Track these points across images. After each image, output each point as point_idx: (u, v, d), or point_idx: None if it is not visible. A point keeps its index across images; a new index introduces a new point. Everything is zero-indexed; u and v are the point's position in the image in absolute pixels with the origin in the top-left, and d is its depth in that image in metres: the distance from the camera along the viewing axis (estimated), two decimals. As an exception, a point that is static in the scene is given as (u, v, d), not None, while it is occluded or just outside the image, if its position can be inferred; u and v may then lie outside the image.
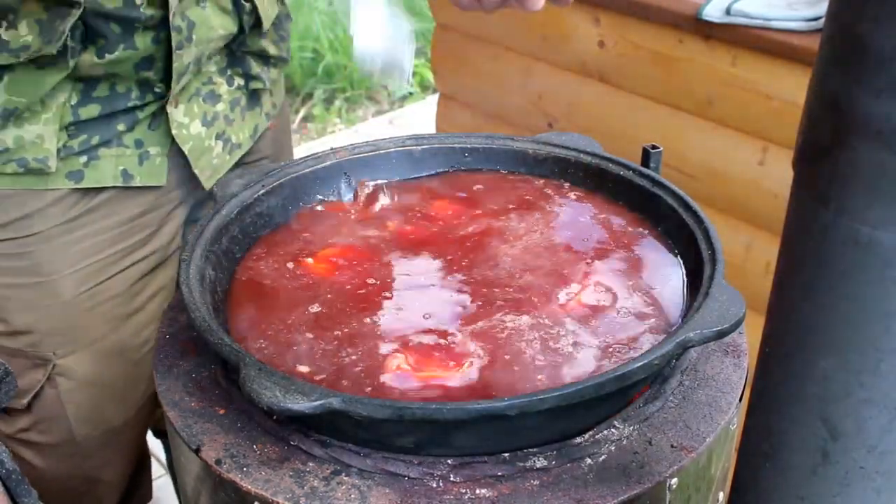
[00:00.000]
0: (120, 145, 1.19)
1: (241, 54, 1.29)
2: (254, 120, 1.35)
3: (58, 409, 1.28)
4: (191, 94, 1.23)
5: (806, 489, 0.73)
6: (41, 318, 1.22)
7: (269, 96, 1.39)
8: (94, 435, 1.32)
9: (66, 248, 1.20)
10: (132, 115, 1.19)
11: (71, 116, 1.14)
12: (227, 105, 1.29)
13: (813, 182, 0.64)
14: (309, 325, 0.89)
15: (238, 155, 1.32)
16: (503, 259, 0.98)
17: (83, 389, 1.28)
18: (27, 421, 1.29)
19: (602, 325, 0.88)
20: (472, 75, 2.21)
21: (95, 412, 1.30)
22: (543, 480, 0.77)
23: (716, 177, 1.77)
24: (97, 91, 1.15)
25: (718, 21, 1.64)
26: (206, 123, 1.25)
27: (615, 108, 1.93)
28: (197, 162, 1.25)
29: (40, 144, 1.12)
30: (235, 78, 1.30)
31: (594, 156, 1.10)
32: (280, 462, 0.79)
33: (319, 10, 4.23)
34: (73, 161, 1.16)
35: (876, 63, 0.56)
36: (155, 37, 1.13)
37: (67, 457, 1.33)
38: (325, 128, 3.88)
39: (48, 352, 1.23)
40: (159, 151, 1.22)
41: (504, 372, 0.82)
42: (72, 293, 1.21)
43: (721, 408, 0.85)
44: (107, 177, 1.19)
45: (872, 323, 0.63)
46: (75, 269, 1.21)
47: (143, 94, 1.18)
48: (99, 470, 1.37)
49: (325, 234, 1.04)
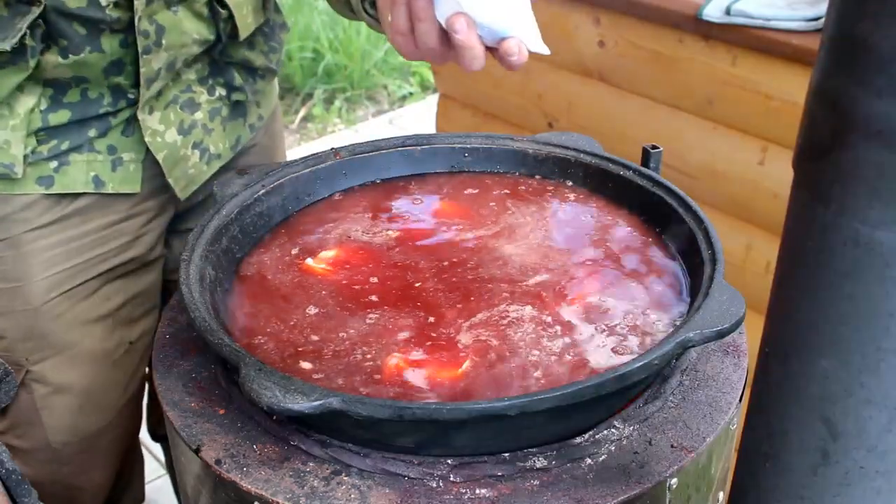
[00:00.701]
0: (91, 151, 1.17)
1: (224, 64, 1.26)
2: (236, 131, 1.31)
3: (33, 414, 1.26)
4: (167, 102, 1.20)
5: (806, 489, 0.73)
6: (12, 323, 1.20)
7: (256, 108, 1.35)
8: (72, 441, 1.30)
9: (37, 255, 1.18)
10: (105, 121, 1.16)
11: (40, 122, 1.12)
12: (206, 114, 1.25)
13: (813, 182, 0.64)
14: (308, 325, 0.89)
15: (217, 165, 1.29)
16: (503, 259, 0.98)
17: (57, 396, 1.26)
18: (3, 425, 1.27)
19: (602, 325, 0.88)
20: (472, 75, 2.20)
21: (70, 419, 1.28)
22: (543, 480, 0.77)
23: (716, 177, 1.77)
24: (67, 97, 1.13)
25: (718, 21, 1.64)
26: (182, 132, 1.22)
27: (615, 108, 1.93)
28: (171, 171, 1.22)
29: (7, 150, 1.11)
30: (217, 87, 1.27)
31: (594, 156, 1.10)
32: (280, 462, 0.79)
33: (319, 10, 4.23)
34: (42, 166, 1.14)
35: (876, 63, 0.56)
36: (123, 40, 1.10)
37: (45, 463, 1.31)
38: (325, 128, 3.88)
39: (21, 357, 1.22)
40: (133, 158, 1.20)
41: (504, 372, 0.82)
42: (42, 299, 1.19)
43: (721, 408, 0.85)
44: (77, 183, 1.17)
45: (872, 323, 0.63)
46: (46, 275, 1.19)
47: (115, 101, 1.16)
48: (78, 476, 1.35)
49: (324, 234, 1.04)
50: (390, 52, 4.21)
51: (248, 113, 1.33)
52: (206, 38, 1.19)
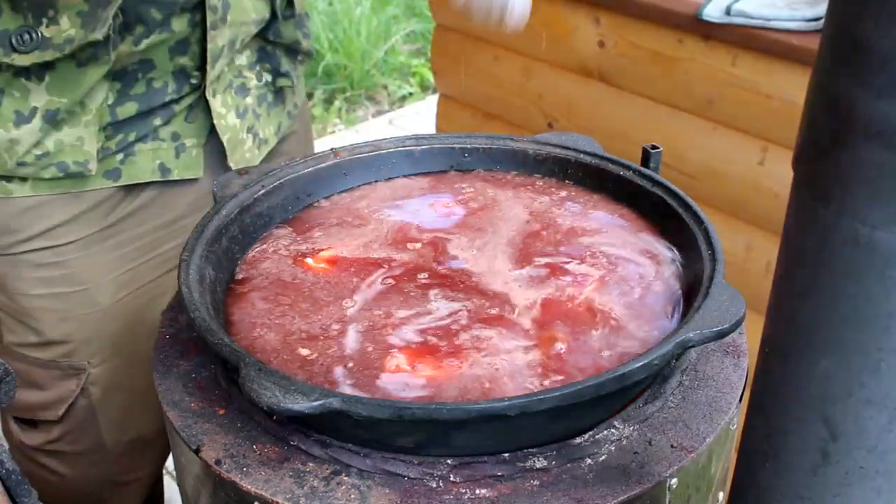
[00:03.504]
0: (156, 139, 1.17)
1: (272, 49, 1.28)
2: (278, 117, 1.34)
3: (90, 418, 1.26)
4: (225, 86, 1.22)
5: (806, 489, 0.73)
6: (77, 327, 1.20)
7: (293, 95, 1.38)
8: (124, 441, 1.30)
9: (103, 256, 1.18)
10: (169, 109, 1.17)
11: (109, 117, 1.13)
12: (255, 100, 1.28)
13: (813, 182, 0.64)
14: (308, 325, 0.89)
15: (265, 151, 1.31)
16: (503, 259, 0.98)
17: (115, 398, 1.26)
18: (58, 432, 1.27)
19: (602, 325, 0.88)
20: (472, 75, 2.21)
21: (126, 420, 1.28)
22: (543, 480, 0.78)
23: (716, 177, 1.77)
24: (134, 89, 1.14)
25: (718, 21, 1.64)
26: (239, 116, 1.24)
27: (615, 108, 1.93)
28: (232, 154, 1.23)
29: (80, 147, 1.10)
30: (264, 73, 1.29)
31: (594, 156, 1.10)
32: (280, 462, 0.79)
33: (319, 10, 4.23)
34: (109, 160, 1.15)
35: (876, 63, 0.56)
36: (191, 19, 1.12)
37: (96, 464, 1.31)
38: (325, 128, 3.88)
39: (83, 361, 1.22)
40: (195, 143, 1.21)
41: (504, 371, 0.82)
42: (109, 301, 1.20)
43: (721, 408, 0.85)
44: (144, 172, 1.17)
45: (872, 323, 0.63)
46: (112, 276, 1.19)
47: (179, 87, 1.17)
48: (127, 474, 1.35)
49: (324, 233, 1.04)
50: (390, 52, 4.22)
51: (287, 100, 1.36)
52: (262, 16, 1.22)
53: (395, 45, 4.28)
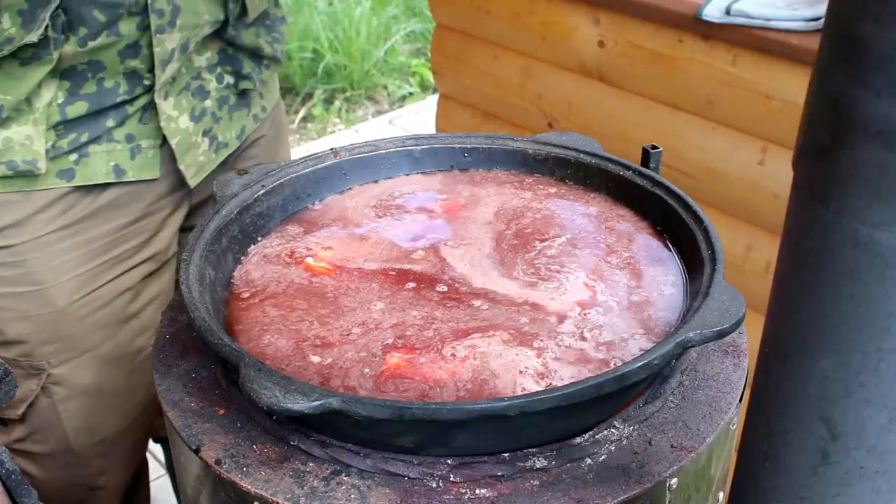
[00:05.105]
0: (110, 141, 1.17)
1: (234, 52, 1.28)
2: (241, 121, 1.33)
3: (53, 418, 1.26)
4: (180, 88, 1.21)
5: (806, 489, 0.73)
6: (35, 327, 1.20)
7: (260, 99, 1.37)
8: (91, 444, 1.30)
9: (60, 256, 1.18)
10: (122, 111, 1.17)
11: (59, 115, 1.12)
12: (214, 102, 1.27)
13: (813, 182, 0.64)
14: (308, 325, 0.89)
15: (224, 154, 1.30)
16: (503, 260, 0.98)
17: (78, 398, 1.26)
18: (22, 431, 1.27)
19: (602, 325, 0.88)
20: (472, 75, 2.21)
21: (91, 421, 1.28)
22: (543, 480, 0.77)
23: (716, 177, 1.77)
24: (84, 88, 1.13)
25: (718, 21, 1.64)
26: (194, 118, 1.23)
27: (615, 108, 1.93)
28: (183, 157, 1.23)
29: (29, 146, 1.11)
30: (225, 76, 1.28)
31: (594, 156, 1.10)
32: (280, 462, 0.79)
33: (319, 10, 4.23)
34: (63, 160, 1.15)
35: (876, 63, 0.56)
36: (140, 23, 1.11)
37: (64, 466, 1.31)
38: (325, 128, 3.88)
39: (42, 361, 1.22)
40: (151, 144, 1.21)
41: (503, 371, 0.82)
42: (65, 301, 1.19)
43: (721, 408, 0.85)
44: (98, 173, 1.17)
45: (872, 323, 0.63)
46: (69, 276, 1.19)
47: (131, 88, 1.16)
48: (97, 478, 1.35)
49: (325, 234, 1.04)
50: (390, 52, 4.22)
51: (253, 104, 1.35)
52: (216, 19, 1.21)
53: (395, 45, 4.28)
